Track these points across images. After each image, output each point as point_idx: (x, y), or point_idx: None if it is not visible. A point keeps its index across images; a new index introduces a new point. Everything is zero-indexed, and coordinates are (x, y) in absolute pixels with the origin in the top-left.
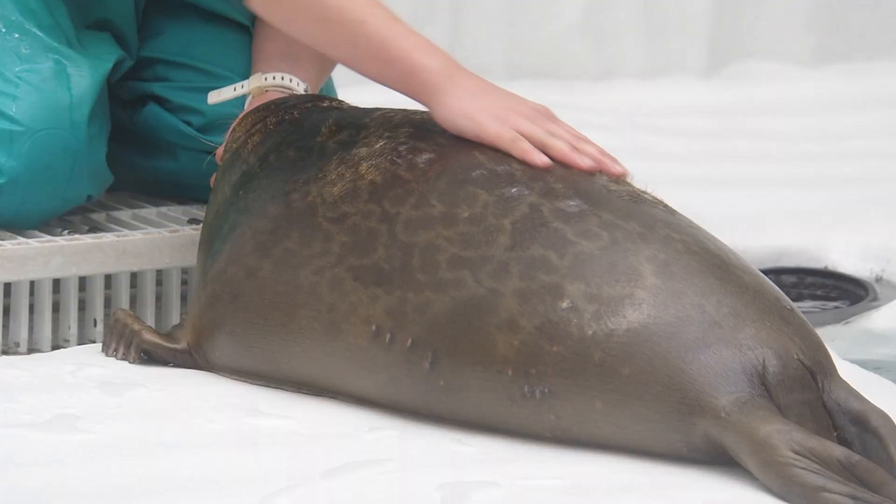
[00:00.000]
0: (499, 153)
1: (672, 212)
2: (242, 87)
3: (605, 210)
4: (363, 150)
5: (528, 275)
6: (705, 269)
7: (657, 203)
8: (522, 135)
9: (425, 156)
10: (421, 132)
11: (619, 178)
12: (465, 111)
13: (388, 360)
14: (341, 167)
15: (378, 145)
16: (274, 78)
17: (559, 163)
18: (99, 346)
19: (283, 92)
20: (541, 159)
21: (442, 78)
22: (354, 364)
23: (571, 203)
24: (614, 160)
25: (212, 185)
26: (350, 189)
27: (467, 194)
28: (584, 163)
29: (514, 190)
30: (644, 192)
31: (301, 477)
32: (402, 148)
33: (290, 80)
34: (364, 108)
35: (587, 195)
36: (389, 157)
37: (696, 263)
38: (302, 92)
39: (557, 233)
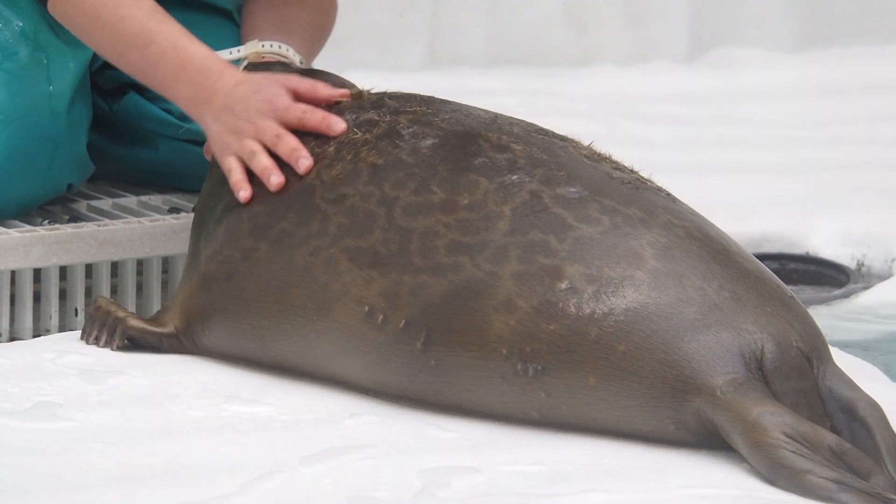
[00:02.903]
0: (502, 139)
1: (674, 199)
2: (238, 51)
3: (606, 196)
4: (365, 134)
5: (526, 258)
6: (707, 254)
7: (659, 190)
8: (238, 155)
9: (429, 141)
10: (424, 116)
11: (623, 166)
12: (211, 143)
13: (379, 339)
14: (342, 151)
15: (380, 129)
16: (271, 45)
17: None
18: (79, 333)
19: (278, 59)
20: (242, 196)
21: (196, 117)
22: (344, 344)
23: (572, 189)
24: (309, 153)
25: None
26: (350, 171)
27: (468, 182)
28: (272, 182)
29: (514, 177)
30: (647, 180)
31: (281, 463)
32: (405, 132)
33: (287, 49)
34: (361, 90)
35: (588, 182)
36: (392, 141)
37: (697, 248)
38: (297, 62)
39: (557, 218)
